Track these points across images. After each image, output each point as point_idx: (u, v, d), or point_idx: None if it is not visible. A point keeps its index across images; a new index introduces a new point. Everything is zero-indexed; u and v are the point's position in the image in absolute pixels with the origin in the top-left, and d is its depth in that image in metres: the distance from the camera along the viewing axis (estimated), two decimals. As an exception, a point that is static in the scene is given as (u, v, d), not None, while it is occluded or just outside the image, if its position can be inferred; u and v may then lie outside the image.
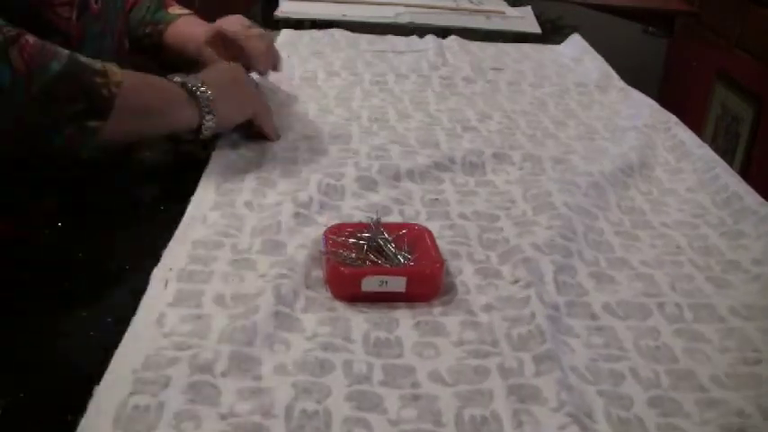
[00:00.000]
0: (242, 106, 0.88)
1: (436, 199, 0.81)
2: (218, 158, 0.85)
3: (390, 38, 1.40)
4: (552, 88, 1.18)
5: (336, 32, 1.39)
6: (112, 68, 0.75)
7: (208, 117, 0.82)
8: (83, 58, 0.74)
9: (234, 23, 1.04)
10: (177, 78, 0.82)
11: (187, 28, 1.05)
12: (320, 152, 0.90)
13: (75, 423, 0.47)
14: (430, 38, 1.39)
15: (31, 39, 0.71)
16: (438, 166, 0.87)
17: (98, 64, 0.75)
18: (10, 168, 0.79)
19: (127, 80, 0.76)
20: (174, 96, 0.81)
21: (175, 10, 1.08)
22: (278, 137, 0.92)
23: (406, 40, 1.39)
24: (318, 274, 0.65)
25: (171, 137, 0.87)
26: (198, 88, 0.82)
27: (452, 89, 1.16)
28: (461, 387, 0.53)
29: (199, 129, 0.83)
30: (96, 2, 0.85)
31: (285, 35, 1.38)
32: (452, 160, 0.89)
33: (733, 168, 0.89)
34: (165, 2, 1.09)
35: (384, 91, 1.13)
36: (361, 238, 0.67)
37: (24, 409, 0.49)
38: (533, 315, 0.60)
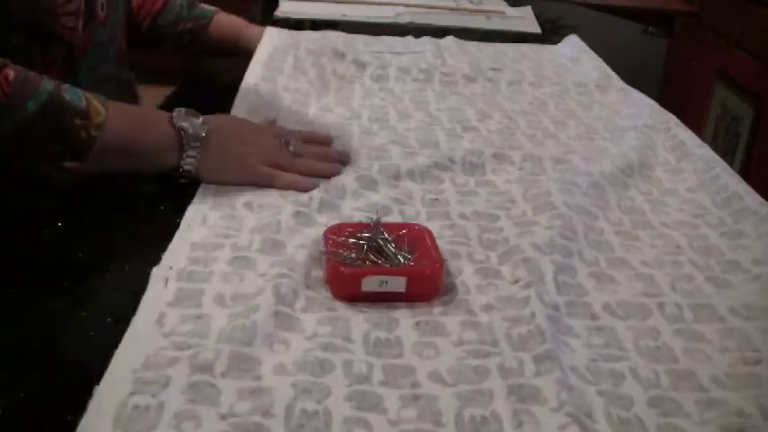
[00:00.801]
0: (233, 173, 0.79)
1: (436, 199, 0.81)
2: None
3: (386, 38, 1.40)
4: (552, 88, 1.18)
5: (332, 34, 1.38)
6: (97, 107, 0.73)
7: (188, 160, 0.76)
8: (67, 96, 0.72)
9: None
10: (178, 123, 0.76)
11: (230, 21, 1.20)
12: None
13: (75, 423, 0.47)
14: (426, 39, 1.39)
15: (12, 72, 0.69)
16: (438, 166, 0.87)
17: (82, 102, 0.72)
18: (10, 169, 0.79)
19: (110, 121, 0.73)
20: (160, 139, 0.76)
21: (207, 7, 1.20)
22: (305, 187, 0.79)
23: (402, 41, 1.39)
24: (318, 273, 0.65)
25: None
26: (192, 142, 0.76)
27: (452, 88, 1.16)
28: (461, 387, 0.53)
29: (177, 170, 0.77)
30: (102, 9, 0.85)
31: (279, 37, 1.34)
32: (452, 160, 0.89)
33: (733, 168, 0.89)
34: (194, 1, 1.19)
35: (384, 90, 1.13)
36: (361, 238, 0.67)
37: (24, 409, 0.49)
38: (533, 315, 0.60)
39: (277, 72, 1.12)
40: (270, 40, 1.24)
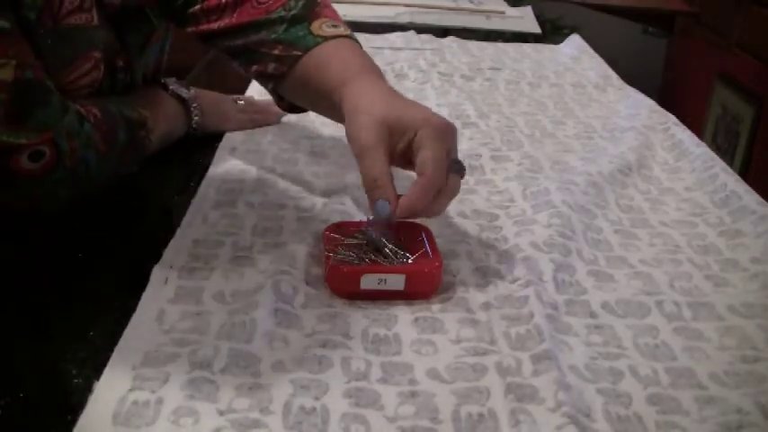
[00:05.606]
0: (225, 124, 0.95)
1: (435, 198, 0.80)
2: (220, 160, 0.86)
3: (388, 36, 1.41)
4: (551, 88, 1.18)
5: None
6: (143, 113, 0.79)
7: (195, 119, 0.90)
8: (126, 112, 0.76)
9: None
10: (172, 87, 0.88)
11: (336, 58, 0.72)
12: (321, 151, 0.90)
13: (75, 423, 0.47)
14: (427, 36, 1.40)
15: (95, 109, 0.72)
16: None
17: (135, 113, 0.78)
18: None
19: (155, 123, 0.81)
20: (175, 116, 0.88)
21: (323, 28, 0.74)
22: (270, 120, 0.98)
23: (404, 36, 1.40)
24: (318, 271, 0.65)
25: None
26: (192, 105, 0.89)
27: (451, 85, 1.16)
28: (459, 384, 0.53)
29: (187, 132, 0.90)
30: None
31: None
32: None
33: (733, 168, 0.89)
34: (314, 12, 0.76)
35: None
36: (361, 237, 0.67)
37: (24, 409, 0.50)
38: (532, 314, 0.60)
39: None
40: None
